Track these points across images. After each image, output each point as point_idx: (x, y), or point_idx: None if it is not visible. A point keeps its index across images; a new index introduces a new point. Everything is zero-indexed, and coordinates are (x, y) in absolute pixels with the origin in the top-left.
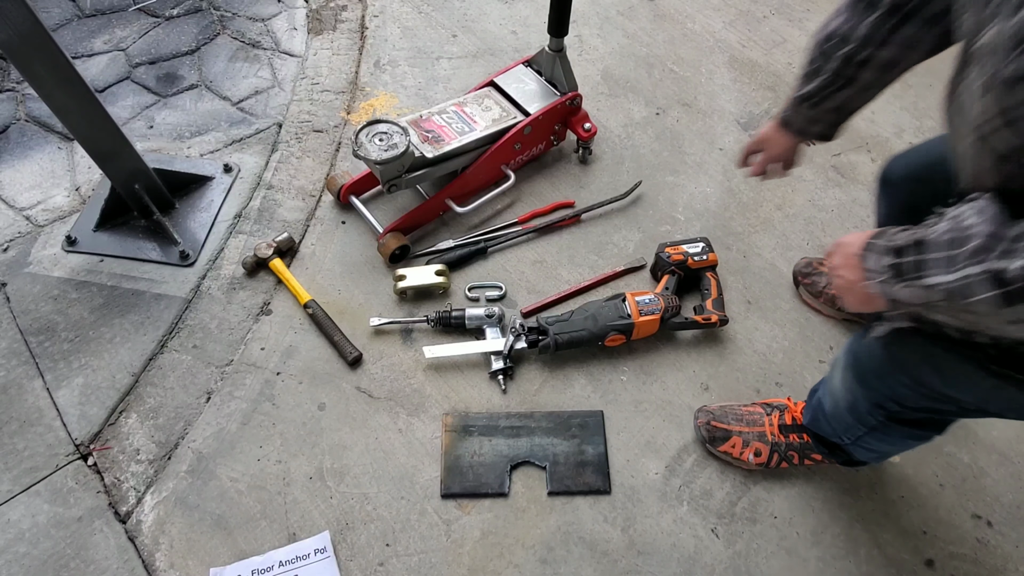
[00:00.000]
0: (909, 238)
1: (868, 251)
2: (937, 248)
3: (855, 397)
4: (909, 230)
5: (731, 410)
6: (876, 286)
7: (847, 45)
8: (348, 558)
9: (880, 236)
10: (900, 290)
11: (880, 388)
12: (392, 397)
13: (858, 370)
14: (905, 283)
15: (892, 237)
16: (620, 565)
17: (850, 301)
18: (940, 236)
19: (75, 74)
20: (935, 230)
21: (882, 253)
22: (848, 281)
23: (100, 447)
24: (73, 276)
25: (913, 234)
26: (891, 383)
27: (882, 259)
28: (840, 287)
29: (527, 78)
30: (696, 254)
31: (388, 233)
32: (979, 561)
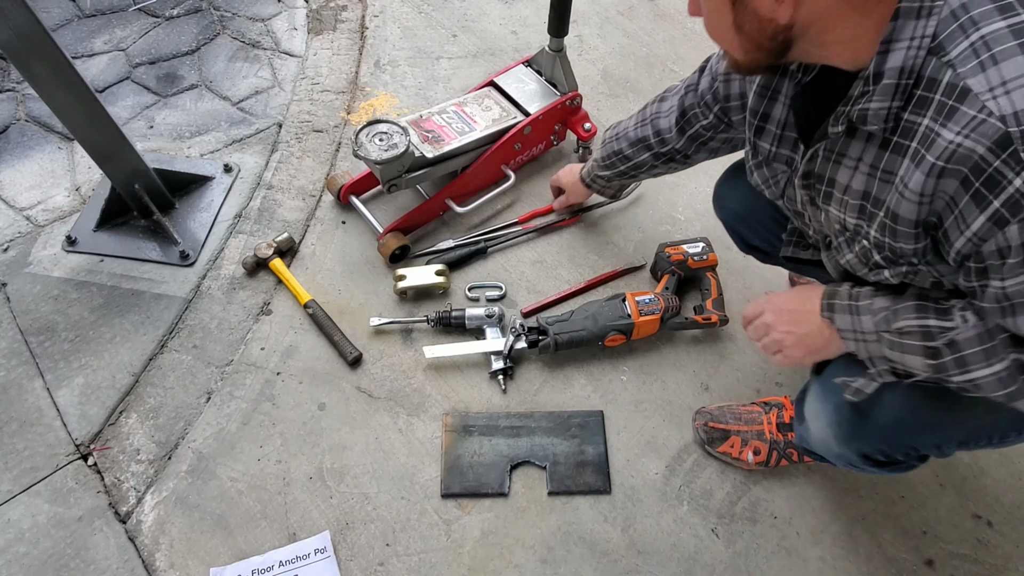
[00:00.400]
0: (939, 328)
1: (845, 313)
2: (971, 344)
3: (843, 450)
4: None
5: (729, 410)
6: (867, 347)
7: (628, 163)
8: (348, 558)
9: (852, 299)
10: (906, 357)
11: (884, 443)
12: (392, 397)
13: (857, 428)
14: (941, 372)
15: (890, 316)
16: (620, 565)
17: (796, 355)
18: (967, 333)
19: (75, 74)
20: (959, 329)
21: (881, 321)
22: (798, 335)
23: (100, 447)
24: (73, 276)
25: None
26: (911, 441)
27: (875, 323)
28: (784, 342)
29: (527, 78)
30: (696, 254)
31: (388, 233)
32: (979, 561)
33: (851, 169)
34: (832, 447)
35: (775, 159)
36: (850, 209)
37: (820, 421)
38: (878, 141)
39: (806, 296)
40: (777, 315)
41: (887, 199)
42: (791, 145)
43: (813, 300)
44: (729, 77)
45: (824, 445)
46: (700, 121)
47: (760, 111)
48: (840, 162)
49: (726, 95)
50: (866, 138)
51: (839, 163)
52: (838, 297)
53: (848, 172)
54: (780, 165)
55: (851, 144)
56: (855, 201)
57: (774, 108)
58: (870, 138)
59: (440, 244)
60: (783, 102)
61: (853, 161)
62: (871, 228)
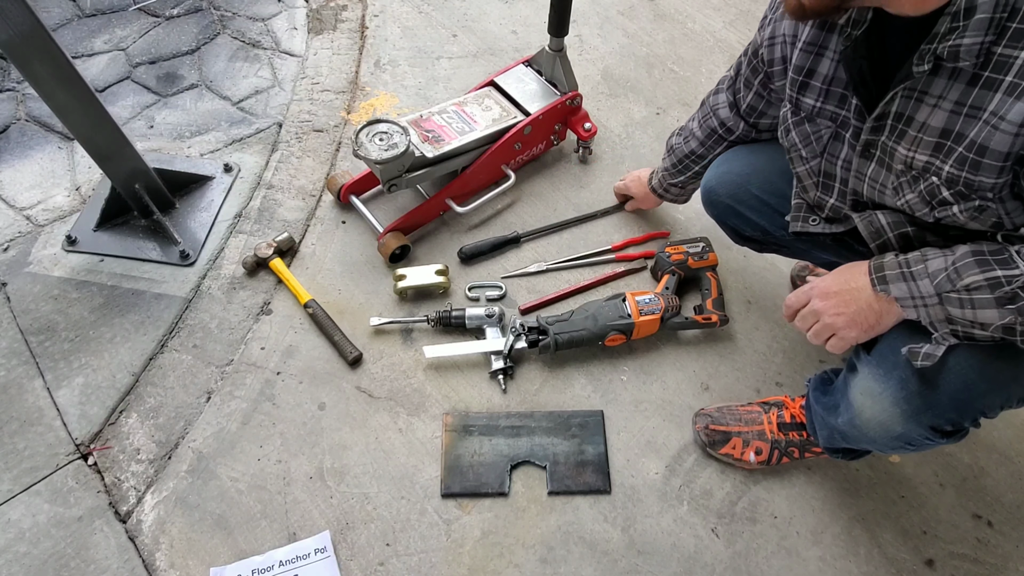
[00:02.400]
0: (1008, 277)
1: (900, 281)
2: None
3: (909, 427)
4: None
5: (729, 411)
6: (928, 311)
7: (704, 160)
8: (348, 558)
9: (903, 267)
10: (978, 311)
11: (954, 411)
12: (392, 397)
13: (927, 400)
14: (1020, 315)
15: (952, 275)
16: (620, 565)
17: (851, 336)
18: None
19: (75, 74)
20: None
21: (943, 282)
22: (849, 316)
23: (100, 447)
24: (73, 276)
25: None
26: (980, 404)
27: (934, 285)
28: (836, 324)
29: (527, 78)
30: (696, 254)
31: (388, 233)
32: (979, 561)
33: (931, 107)
34: (895, 427)
35: (819, 114)
36: (923, 146)
37: (883, 402)
38: (966, 77)
39: (849, 275)
40: (824, 299)
41: (971, 134)
42: (837, 100)
43: (858, 277)
44: (773, 41)
45: (883, 429)
46: (748, 99)
47: (806, 67)
48: (922, 100)
49: (770, 60)
50: (950, 75)
51: (920, 101)
52: (887, 267)
53: (928, 110)
54: (824, 120)
55: (933, 82)
56: (931, 138)
57: (820, 64)
58: (956, 75)
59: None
60: (831, 57)
61: (934, 99)
62: (946, 164)
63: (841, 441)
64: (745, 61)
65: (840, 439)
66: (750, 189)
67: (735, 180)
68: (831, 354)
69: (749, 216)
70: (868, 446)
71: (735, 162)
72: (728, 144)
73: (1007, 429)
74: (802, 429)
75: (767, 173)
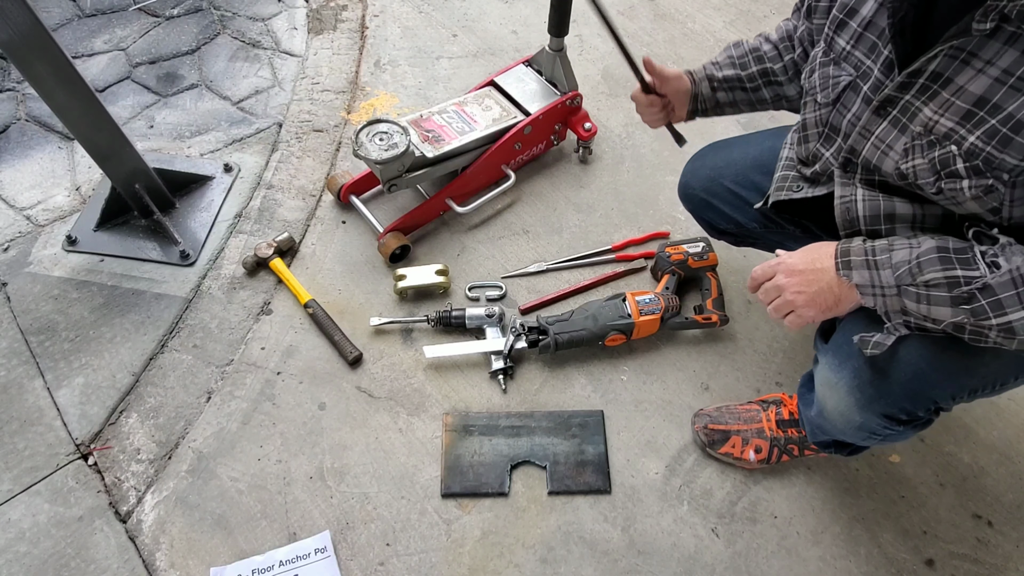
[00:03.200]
0: (967, 278)
1: (863, 268)
2: (1005, 288)
3: (866, 416)
4: (901, 248)
5: (727, 410)
6: (886, 301)
7: (762, 64)
8: (348, 557)
9: (868, 255)
10: (933, 308)
11: (906, 400)
12: (392, 397)
13: (879, 388)
14: (973, 316)
15: (914, 270)
16: (620, 565)
17: (808, 314)
18: (1002, 278)
19: (75, 74)
20: (995, 275)
21: (904, 275)
22: (809, 295)
23: (100, 447)
24: (73, 276)
25: (967, 274)
26: (931, 393)
27: (895, 277)
28: (796, 302)
29: (527, 78)
30: (696, 254)
31: (388, 233)
32: (979, 561)
33: (976, 71)
34: (853, 417)
35: (846, 59)
36: (952, 111)
37: (839, 391)
38: (1022, 46)
39: (816, 255)
40: (788, 275)
41: (1009, 107)
42: (867, 47)
43: (824, 259)
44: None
45: (844, 419)
46: (798, 31)
47: (849, 5)
48: (968, 62)
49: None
50: (1006, 39)
51: (966, 63)
52: (853, 253)
53: (971, 73)
54: (848, 66)
55: (986, 44)
56: (963, 104)
57: (864, 5)
58: (1013, 40)
59: (531, 267)
60: (876, 1)
61: (981, 63)
62: (971, 134)
63: (821, 434)
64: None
65: (819, 432)
66: (723, 183)
67: (708, 174)
68: None
69: (723, 209)
70: (841, 436)
71: (708, 157)
72: (783, 66)
73: (1007, 429)
74: (801, 426)
75: (740, 166)
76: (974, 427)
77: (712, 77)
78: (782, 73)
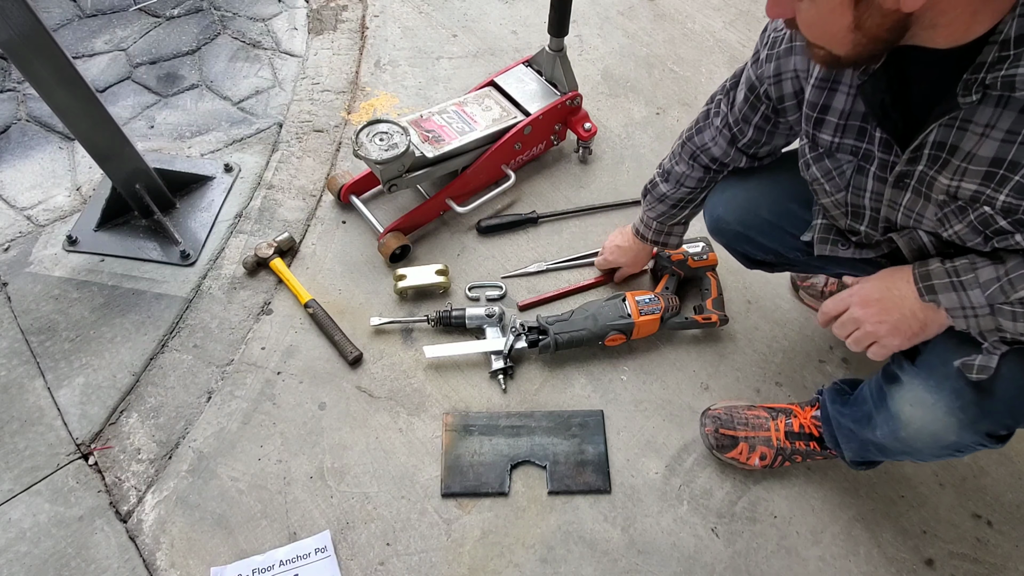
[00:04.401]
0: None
1: (950, 291)
2: None
3: (964, 435)
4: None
5: (736, 414)
6: (979, 321)
7: (704, 193)
8: (349, 557)
9: (952, 276)
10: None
11: (1010, 416)
12: (392, 396)
13: (983, 408)
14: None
15: (1006, 287)
16: (620, 564)
17: (894, 344)
18: None
19: (76, 74)
20: None
21: (996, 293)
22: (891, 324)
23: (101, 446)
24: (74, 276)
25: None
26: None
27: (986, 296)
28: (879, 333)
29: (527, 78)
30: (696, 254)
31: (388, 233)
32: (979, 560)
33: (979, 136)
34: (948, 437)
35: (839, 149)
36: (970, 176)
37: (935, 412)
38: (1018, 105)
39: (891, 282)
40: (864, 307)
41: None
42: (856, 134)
43: (901, 285)
44: (780, 78)
45: (934, 439)
46: (749, 135)
47: (820, 103)
48: (966, 129)
49: (779, 96)
50: (996, 103)
51: (964, 130)
52: (935, 276)
53: (975, 139)
54: (845, 155)
55: (978, 111)
56: (979, 168)
57: (835, 99)
58: (1005, 103)
59: (531, 267)
60: (846, 92)
61: (981, 127)
62: (1000, 193)
63: (877, 454)
64: (739, 97)
65: (876, 452)
66: (759, 213)
67: (743, 205)
68: (829, 354)
69: (760, 241)
70: (908, 457)
71: (741, 186)
72: (720, 176)
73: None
74: (811, 440)
75: (776, 195)
76: None
77: (673, 229)
78: (716, 178)
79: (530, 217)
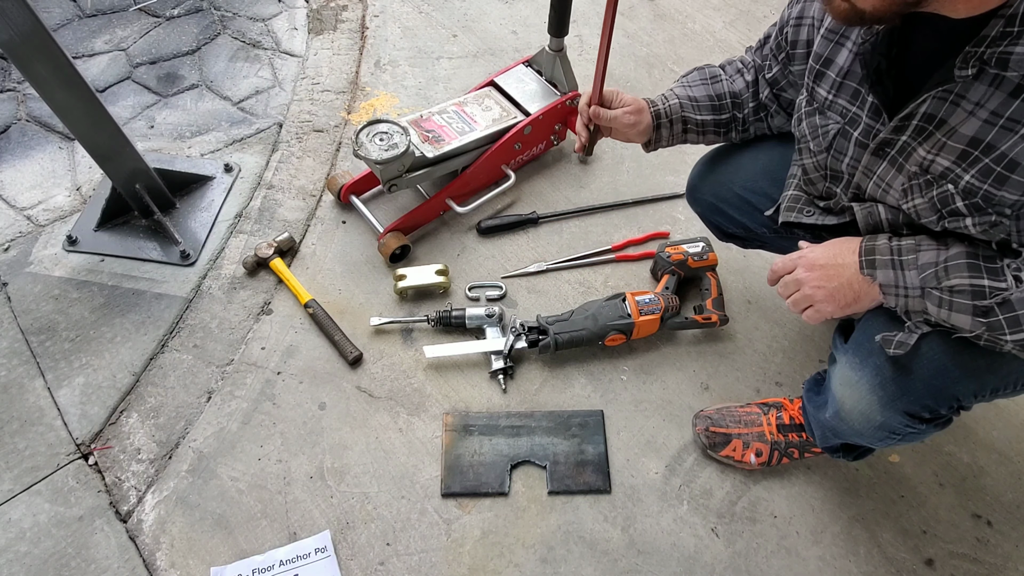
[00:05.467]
0: (992, 288)
1: (888, 268)
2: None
3: (887, 415)
4: (928, 250)
5: (728, 413)
6: (908, 301)
7: (744, 107)
8: (349, 557)
9: (894, 254)
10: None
11: (929, 396)
12: (392, 396)
13: (901, 385)
14: (990, 331)
15: (940, 273)
16: (620, 564)
17: (827, 310)
18: (1022, 294)
19: (76, 74)
20: (1018, 290)
21: (930, 277)
22: (829, 290)
23: (101, 446)
24: (74, 276)
25: (988, 286)
26: (954, 390)
27: (920, 279)
28: (815, 296)
29: (527, 78)
30: (696, 254)
31: (388, 233)
32: (979, 560)
33: (967, 113)
34: (875, 416)
35: (830, 107)
36: (946, 151)
37: (860, 390)
38: (1009, 87)
39: (839, 250)
40: (809, 270)
41: (1003, 146)
42: (850, 95)
43: (846, 254)
44: (801, 22)
45: (864, 418)
46: (774, 70)
47: (824, 56)
48: (958, 104)
49: (793, 40)
50: (991, 82)
51: (956, 104)
52: (879, 251)
53: (962, 115)
54: (834, 115)
55: (972, 87)
56: (957, 144)
57: (839, 54)
58: (998, 83)
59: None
60: (850, 49)
61: (971, 104)
62: (967, 173)
63: (833, 438)
64: (774, 33)
65: (831, 435)
66: (733, 188)
67: (717, 179)
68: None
69: (732, 214)
70: (857, 439)
71: (716, 161)
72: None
73: (1007, 429)
74: (801, 430)
75: (750, 172)
76: (974, 427)
77: (688, 119)
78: (752, 116)
79: (530, 217)
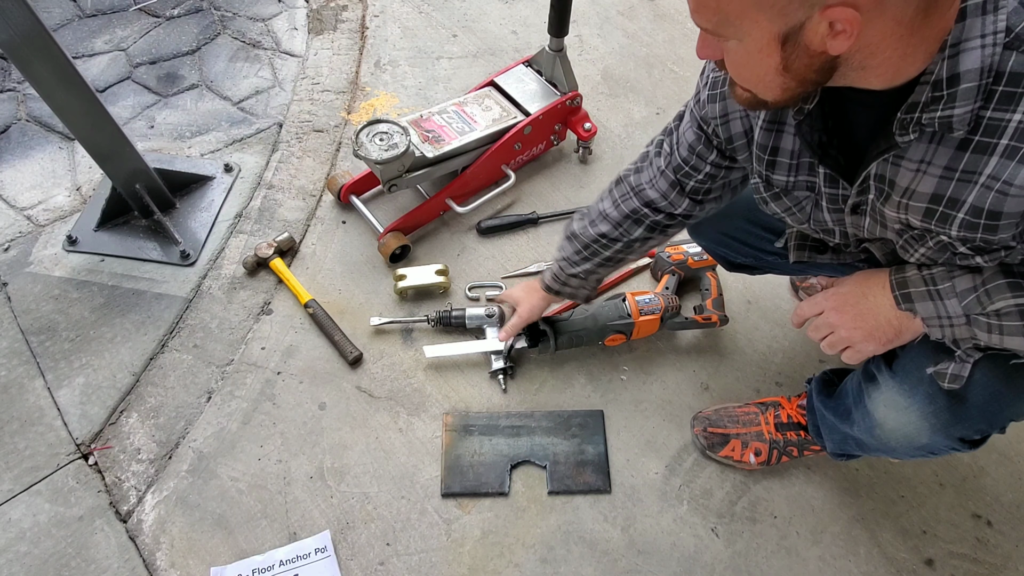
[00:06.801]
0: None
1: (926, 300)
2: None
3: (936, 439)
4: (963, 275)
5: (726, 413)
6: (954, 331)
7: (617, 243)
8: (348, 557)
9: (928, 284)
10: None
11: (984, 422)
12: (392, 396)
13: (956, 413)
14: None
15: (982, 298)
16: (620, 564)
17: (868, 350)
18: None
19: (76, 74)
20: None
21: (972, 303)
22: (866, 330)
23: (101, 446)
24: (74, 276)
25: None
26: (1008, 412)
27: (962, 306)
28: (853, 338)
29: (527, 78)
30: (696, 254)
31: (388, 233)
32: (979, 560)
33: (914, 172)
34: (921, 439)
35: (795, 188)
36: (912, 211)
37: (909, 415)
38: (954, 142)
39: (867, 287)
40: (839, 312)
41: (969, 199)
42: (808, 170)
43: (876, 292)
44: (727, 118)
45: (907, 440)
46: (697, 175)
47: (770, 145)
48: (899, 165)
49: (728, 137)
50: (931, 139)
51: (897, 166)
52: (911, 284)
53: (910, 175)
54: (801, 192)
55: (911, 147)
56: (919, 204)
57: (783, 140)
58: (940, 140)
59: (531, 267)
60: (791, 132)
61: (915, 163)
62: (949, 227)
63: (856, 448)
64: (690, 136)
65: (854, 446)
66: (734, 220)
67: (721, 211)
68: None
69: (738, 246)
70: (885, 454)
71: None
72: (646, 227)
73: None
74: (800, 429)
75: (750, 201)
76: None
77: (569, 279)
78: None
79: (530, 217)
